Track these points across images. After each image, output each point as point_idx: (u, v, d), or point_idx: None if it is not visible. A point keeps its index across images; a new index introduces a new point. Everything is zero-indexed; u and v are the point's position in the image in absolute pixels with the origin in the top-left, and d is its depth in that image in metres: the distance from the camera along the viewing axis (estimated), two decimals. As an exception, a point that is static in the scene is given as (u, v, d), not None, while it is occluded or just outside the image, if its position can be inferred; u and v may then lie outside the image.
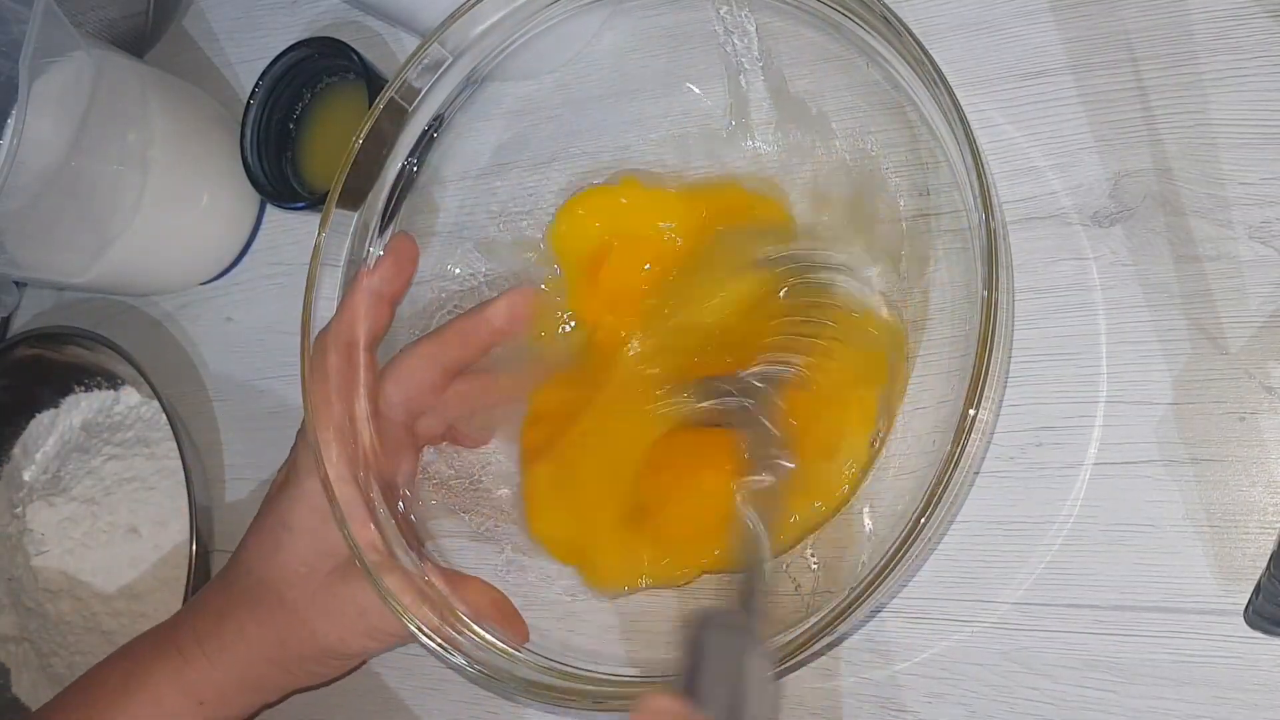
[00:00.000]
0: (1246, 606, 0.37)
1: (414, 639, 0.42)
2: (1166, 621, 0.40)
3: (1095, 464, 0.41)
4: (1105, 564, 0.41)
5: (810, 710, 0.45)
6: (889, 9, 0.38)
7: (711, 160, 0.49)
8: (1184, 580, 0.40)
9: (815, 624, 0.37)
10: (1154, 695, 0.40)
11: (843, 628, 0.37)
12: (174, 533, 0.60)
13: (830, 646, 0.44)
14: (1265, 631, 0.38)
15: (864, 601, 0.36)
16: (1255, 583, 0.36)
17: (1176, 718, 0.39)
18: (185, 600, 0.56)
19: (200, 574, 0.57)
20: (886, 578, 0.36)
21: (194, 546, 0.56)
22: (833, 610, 0.37)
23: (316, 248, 0.46)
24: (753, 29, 0.46)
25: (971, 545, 0.43)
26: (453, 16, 0.45)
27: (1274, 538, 0.38)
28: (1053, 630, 0.41)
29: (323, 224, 0.46)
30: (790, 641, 0.37)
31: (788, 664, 0.37)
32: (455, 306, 0.52)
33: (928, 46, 0.46)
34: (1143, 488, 0.41)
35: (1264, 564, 0.35)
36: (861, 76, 0.44)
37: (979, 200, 0.36)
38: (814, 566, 0.44)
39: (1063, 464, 0.42)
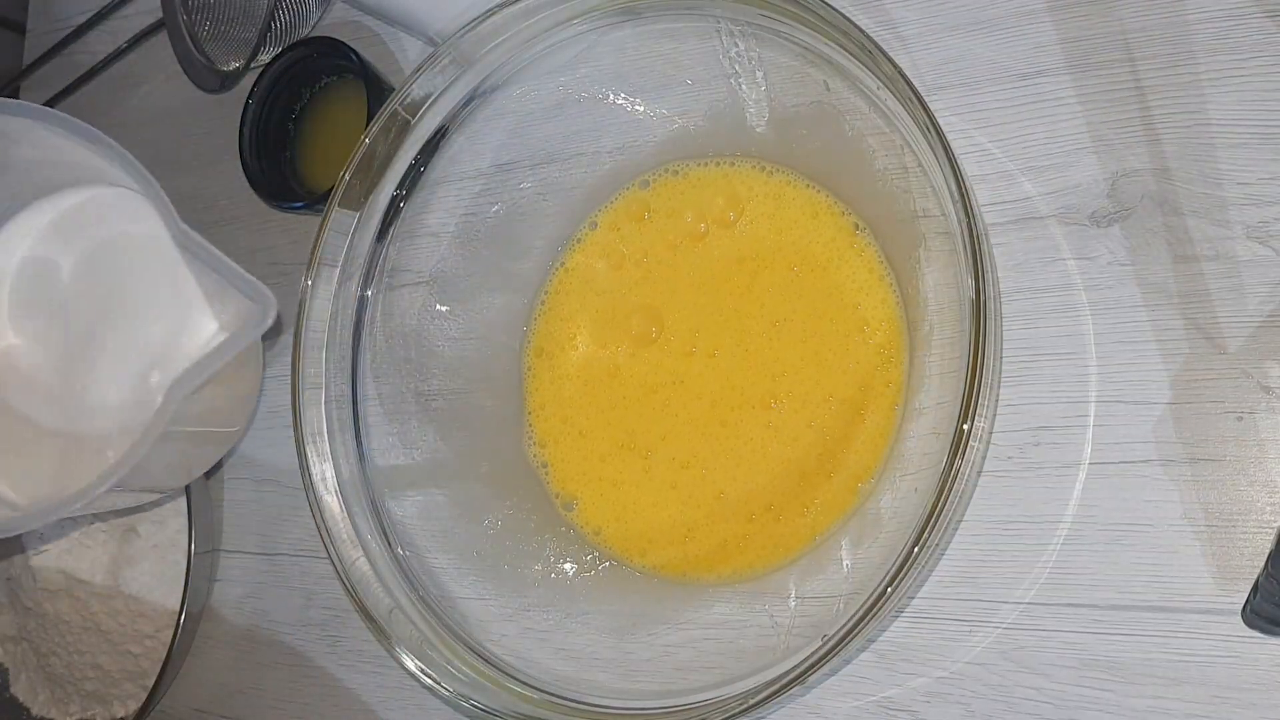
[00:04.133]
0: (1244, 606, 0.37)
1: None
2: (1164, 621, 0.40)
3: (1093, 464, 0.41)
4: (1103, 564, 0.41)
5: (809, 708, 0.45)
6: (866, 35, 0.38)
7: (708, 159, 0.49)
8: (1182, 580, 0.40)
9: (817, 649, 0.37)
10: (1152, 695, 0.40)
11: (839, 656, 0.37)
12: (173, 532, 0.60)
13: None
14: (1263, 631, 0.38)
15: (870, 618, 0.36)
16: (1253, 582, 0.36)
17: (1174, 717, 0.39)
18: (183, 599, 0.55)
19: (199, 574, 0.57)
20: (900, 581, 0.36)
21: (192, 546, 0.56)
22: (845, 625, 0.36)
23: (312, 261, 0.46)
24: (757, 59, 0.46)
25: (970, 545, 0.43)
26: (463, 30, 0.45)
27: (1271, 537, 0.38)
28: (1051, 630, 0.41)
29: (312, 265, 0.46)
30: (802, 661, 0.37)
31: (789, 684, 0.37)
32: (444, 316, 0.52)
33: (925, 46, 0.46)
34: (1140, 487, 0.41)
35: (1261, 563, 0.35)
36: (843, 89, 0.44)
37: (961, 218, 0.36)
38: (794, 602, 0.44)
39: (1061, 464, 0.42)
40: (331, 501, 0.46)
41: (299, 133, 0.60)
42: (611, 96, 0.50)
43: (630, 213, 0.51)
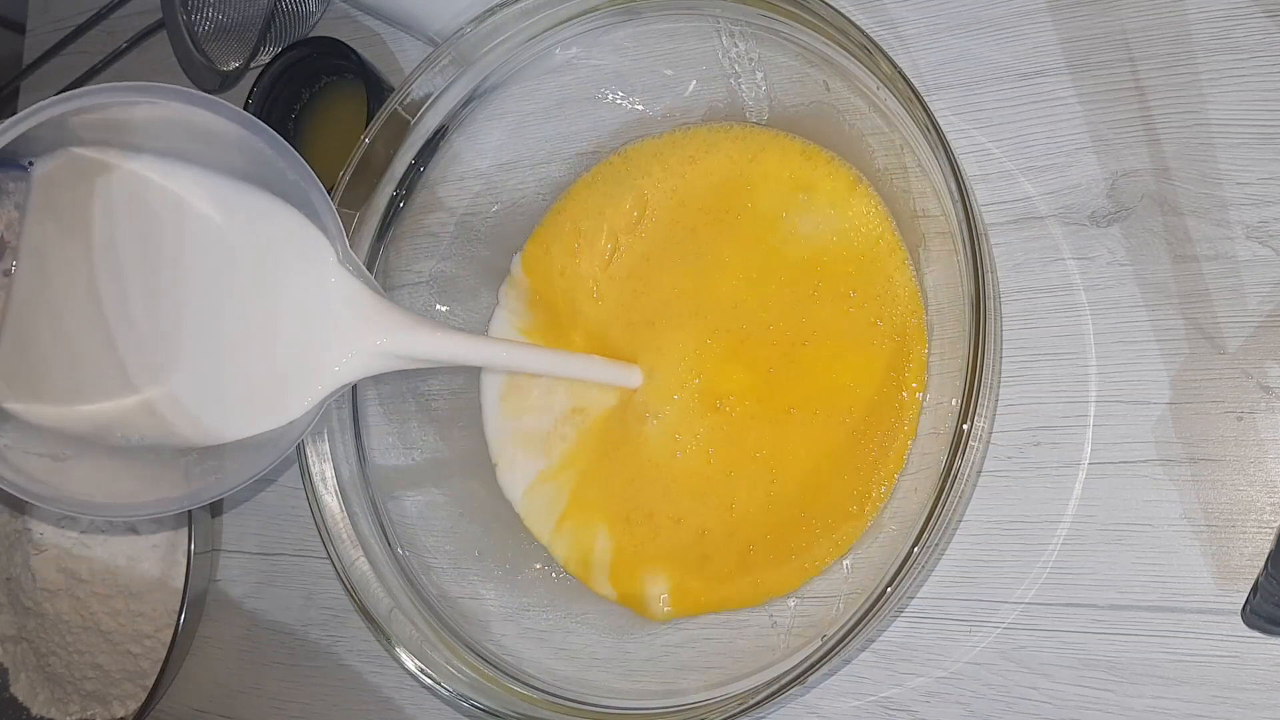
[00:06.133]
0: (1244, 606, 0.37)
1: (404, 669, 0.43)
2: (1164, 621, 0.40)
3: (1093, 464, 0.41)
4: (1103, 563, 0.41)
5: (809, 708, 0.45)
6: (866, 35, 0.38)
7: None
8: (1181, 580, 0.40)
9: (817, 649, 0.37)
10: (1151, 694, 0.40)
11: (843, 652, 0.37)
12: (172, 532, 0.60)
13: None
14: (1262, 631, 0.38)
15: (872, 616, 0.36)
16: (1253, 582, 0.36)
17: (1174, 717, 0.39)
18: (182, 599, 0.55)
19: (199, 574, 0.57)
20: (901, 579, 0.36)
21: (191, 546, 0.56)
22: (845, 625, 0.36)
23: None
24: (757, 59, 0.46)
25: (970, 545, 0.43)
26: (463, 30, 0.45)
27: (1271, 537, 0.38)
28: (1051, 630, 0.41)
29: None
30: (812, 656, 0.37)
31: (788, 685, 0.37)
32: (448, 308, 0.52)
33: (925, 46, 0.46)
34: (1140, 487, 0.41)
35: (1261, 563, 0.35)
36: (843, 89, 0.44)
37: (961, 218, 0.36)
38: (794, 602, 0.44)
39: (1060, 463, 0.42)
40: (331, 501, 0.46)
41: (299, 133, 0.60)
42: (611, 96, 0.50)
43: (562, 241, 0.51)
